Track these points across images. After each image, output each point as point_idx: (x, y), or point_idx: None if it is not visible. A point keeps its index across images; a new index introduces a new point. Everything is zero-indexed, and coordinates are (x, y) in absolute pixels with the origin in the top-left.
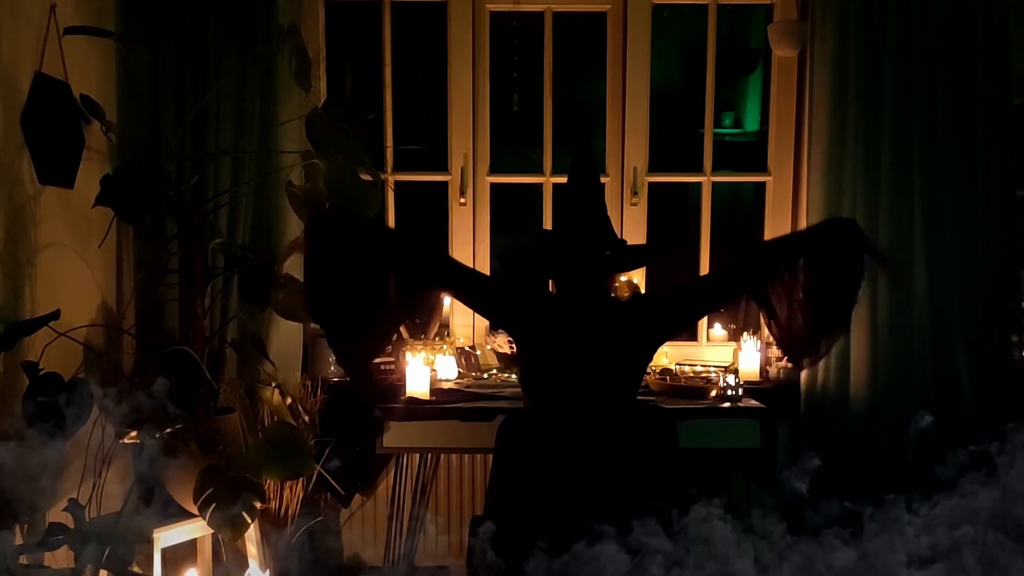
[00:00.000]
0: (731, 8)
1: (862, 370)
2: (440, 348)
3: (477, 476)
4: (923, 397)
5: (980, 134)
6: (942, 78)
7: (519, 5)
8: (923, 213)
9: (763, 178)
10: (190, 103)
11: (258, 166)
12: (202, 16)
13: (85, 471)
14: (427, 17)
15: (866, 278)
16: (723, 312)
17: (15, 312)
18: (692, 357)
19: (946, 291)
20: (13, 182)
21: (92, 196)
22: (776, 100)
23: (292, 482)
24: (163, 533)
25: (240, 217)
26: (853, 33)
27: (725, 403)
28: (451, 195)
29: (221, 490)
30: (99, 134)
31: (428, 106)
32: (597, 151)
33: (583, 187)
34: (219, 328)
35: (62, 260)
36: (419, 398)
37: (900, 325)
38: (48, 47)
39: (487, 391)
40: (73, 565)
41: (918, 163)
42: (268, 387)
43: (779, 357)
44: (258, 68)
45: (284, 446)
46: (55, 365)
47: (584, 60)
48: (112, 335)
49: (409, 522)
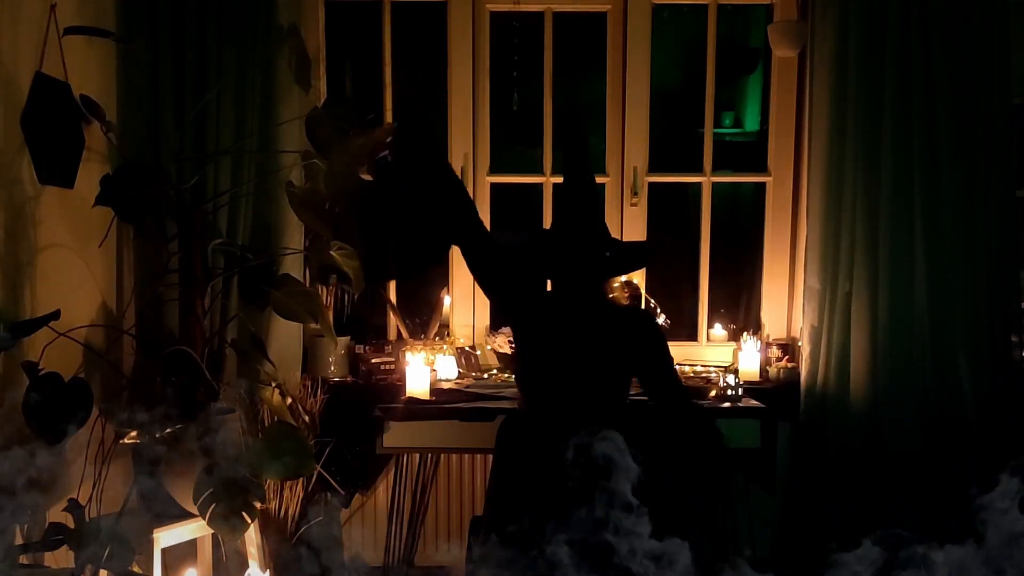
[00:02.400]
0: (731, 8)
1: (862, 370)
2: (440, 348)
3: (477, 476)
4: (923, 397)
5: (980, 134)
6: (942, 78)
7: (519, 5)
8: (923, 213)
9: (763, 178)
10: (190, 103)
11: (258, 166)
12: (202, 16)
13: (85, 471)
14: (427, 17)
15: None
16: (723, 313)
17: (15, 312)
18: (692, 357)
19: (946, 291)
20: (13, 182)
21: (92, 196)
22: (776, 100)
23: (292, 482)
24: (163, 533)
25: (240, 217)
26: (853, 33)
27: (725, 403)
28: None
29: (221, 490)
30: (99, 134)
31: (428, 106)
32: (597, 151)
33: (577, 188)
34: (219, 328)
35: (62, 260)
36: (419, 398)
37: (900, 325)
38: (48, 47)
39: (487, 391)
40: (73, 565)
41: (918, 163)
42: (268, 387)
43: (779, 357)
44: (258, 68)
45: (284, 446)
46: (55, 365)
47: (584, 60)
48: (112, 335)
49: (409, 522)
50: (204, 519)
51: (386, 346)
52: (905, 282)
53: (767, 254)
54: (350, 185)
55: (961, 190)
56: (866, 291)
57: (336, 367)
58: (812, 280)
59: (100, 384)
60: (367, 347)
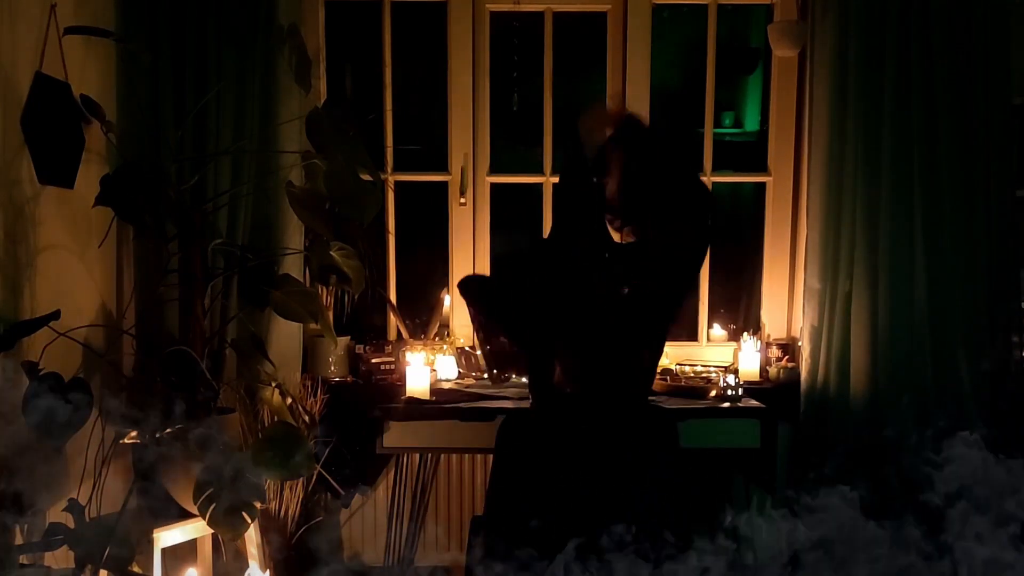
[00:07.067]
0: (731, 8)
1: (862, 370)
2: (440, 348)
3: (477, 476)
4: (923, 397)
5: (980, 134)
6: (942, 78)
7: (519, 5)
8: (923, 213)
9: (763, 178)
10: (190, 103)
11: (258, 166)
12: (202, 16)
13: (85, 471)
14: (427, 17)
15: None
16: (723, 313)
17: (15, 312)
18: (692, 357)
19: (946, 291)
20: (13, 182)
21: (92, 196)
22: (776, 100)
23: (292, 482)
24: (163, 533)
25: (240, 217)
26: (853, 33)
27: (725, 403)
28: (451, 195)
29: (221, 490)
30: (99, 134)
31: (428, 106)
32: None
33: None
34: (219, 328)
35: (62, 260)
36: (419, 398)
37: (900, 325)
38: (48, 47)
39: (487, 391)
40: (73, 565)
41: (918, 163)
42: (268, 387)
43: (779, 357)
44: (258, 68)
45: (284, 446)
46: (55, 365)
47: (584, 60)
48: (112, 335)
49: (409, 522)
50: (204, 519)
51: (386, 346)
52: (905, 282)
53: (767, 254)
54: (350, 185)
55: (961, 190)
56: (866, 291)
57: (336, 367)
58: (812, 280)
59: (100, 384)
60: (367, 347)
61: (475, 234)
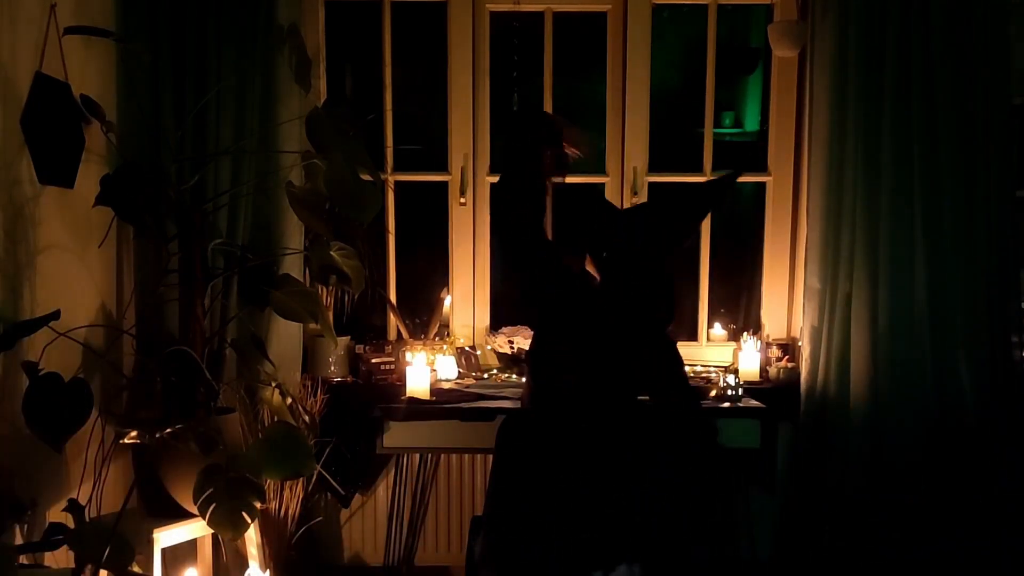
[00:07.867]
0: (731, 8)
1: (862, 370)
2: (440, 348)
3: (477, 476)
4: (923, 397)
5: (980, 134)
6: (942, 78)
7: (519, 5)
8: (923, 213)
9: (763, 178)
10: (190, 103)
11: (258, 166)
12: (202, 16)
13: (85, 471)
14: (427, 17)
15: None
16: (723, 313)
17: (15, 312)
18: (692, 357)
19: (946, 291)
20: (13, 182)
21: (92, 196)
22: (776, 100)
23: (292, 482)
24: (163, 533)
25: (240, 217)
26: (853, 33)
27: (725, 403)
28: (451, 195)
29: (221, 490)
30: (99, 134)
31: (428, 106)
32: (598, 151)
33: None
34: (219, 328)
35: (62, 260)
36: (419, 398)
37: (900, 325)
38: (48, 47)
39: (487, 391)
40: (73, 565)
41: (918, 163)
42: (268, 387)
43: (779, 357)
44: (258, 68)
45: (284, 446)
46: (55, 365)
47: (584, 60)
48: (112, 335)
49: (409, 522)
50: (204, 519)
51: (386, 346)
52: (905, 282)
53: (767, 254)
54: (350, 185)
55: (961, 190)
56: (866, 291)
57: (336, 367)
58: (812, 280)
59: (100, 384)
60: (367, 347)
61: (475, 234)
